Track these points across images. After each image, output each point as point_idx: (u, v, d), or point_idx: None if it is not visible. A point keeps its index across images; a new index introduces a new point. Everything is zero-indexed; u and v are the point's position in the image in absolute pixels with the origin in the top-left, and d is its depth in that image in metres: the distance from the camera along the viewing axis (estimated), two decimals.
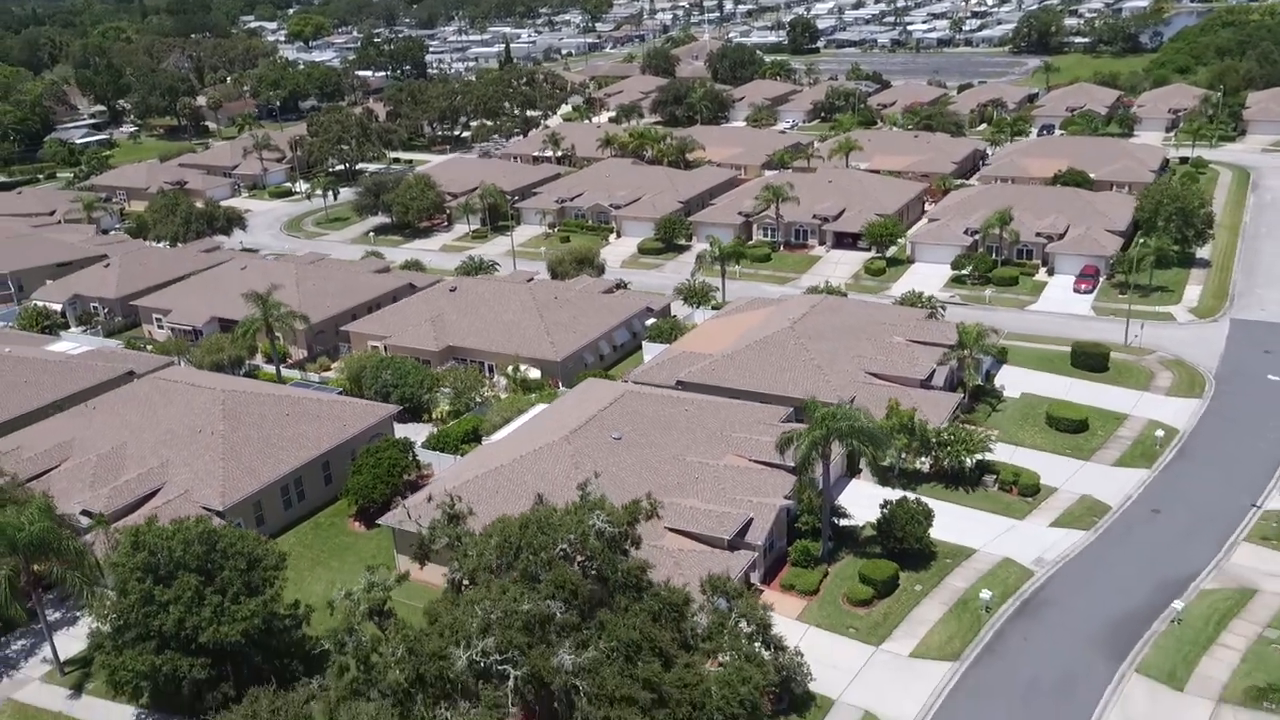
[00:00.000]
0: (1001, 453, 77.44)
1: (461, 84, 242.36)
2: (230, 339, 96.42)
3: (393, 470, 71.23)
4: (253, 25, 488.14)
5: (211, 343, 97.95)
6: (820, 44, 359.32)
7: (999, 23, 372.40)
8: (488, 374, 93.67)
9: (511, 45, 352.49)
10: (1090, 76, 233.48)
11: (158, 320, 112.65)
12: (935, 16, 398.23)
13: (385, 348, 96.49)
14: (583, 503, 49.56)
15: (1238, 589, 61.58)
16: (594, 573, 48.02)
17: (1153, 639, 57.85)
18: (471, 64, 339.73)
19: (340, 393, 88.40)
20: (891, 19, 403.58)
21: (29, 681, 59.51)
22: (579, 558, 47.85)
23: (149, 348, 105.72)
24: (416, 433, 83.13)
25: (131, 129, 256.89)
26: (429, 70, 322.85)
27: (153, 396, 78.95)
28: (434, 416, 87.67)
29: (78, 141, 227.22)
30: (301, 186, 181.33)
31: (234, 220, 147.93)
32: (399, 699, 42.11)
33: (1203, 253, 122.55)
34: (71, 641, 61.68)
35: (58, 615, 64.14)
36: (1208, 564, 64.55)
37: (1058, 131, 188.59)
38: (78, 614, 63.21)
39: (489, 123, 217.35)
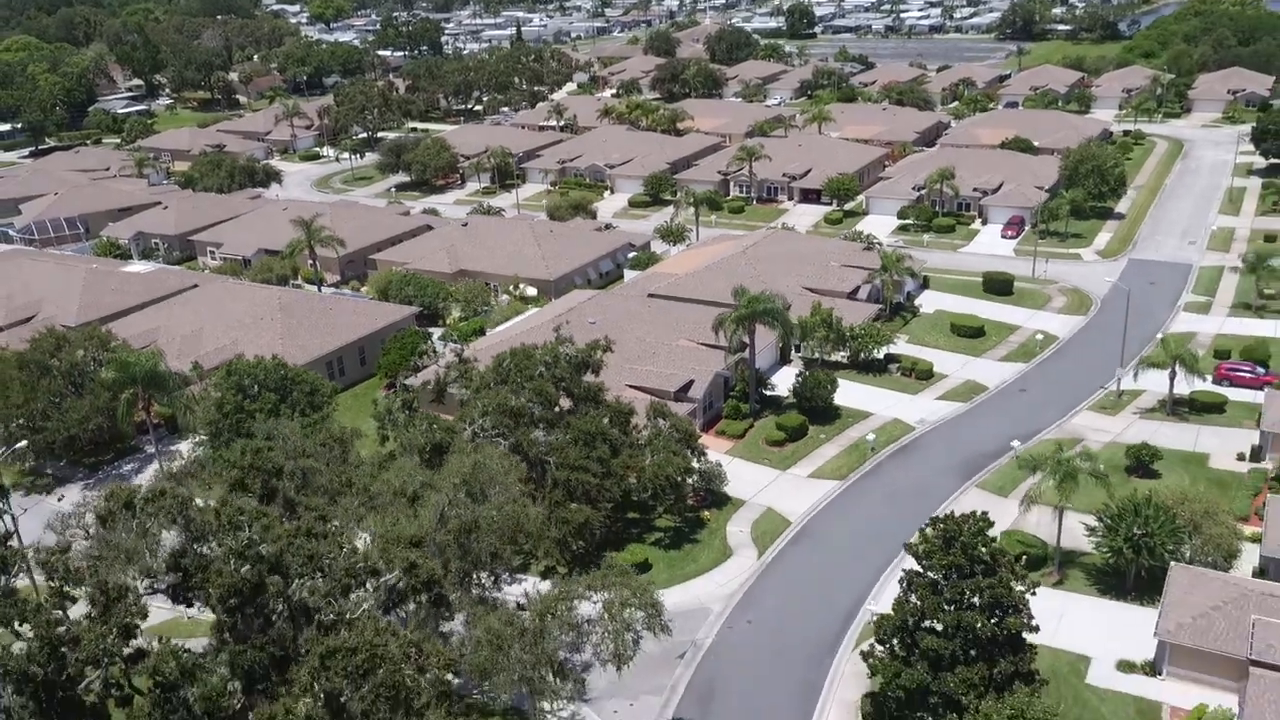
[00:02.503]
0: (908, 349, 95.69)
1: (475, 61, 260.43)
2: (278, 259, 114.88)
3: (414, 351, 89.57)
4: (275, 8, 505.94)
5: (261, 264, 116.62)
6: (818, 30, 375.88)
7: (991, 10, 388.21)
8: (494, 291, 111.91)
9: (523, 28, 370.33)
10: (1059, 60, 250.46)
11: (211, 252, 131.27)
12: (930, 4, 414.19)
13: (407, 270, 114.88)
14: (557, 340, 67.96)
15: (1068, 438, 79.50)
16: (564, 388, 66.42)
17: (994, 468, 75.95)
18: (485, 45, 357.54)
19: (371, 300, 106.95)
20: (887, 6, 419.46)
21: None
22: (553, 376, 66.20)
23: (206, 270, 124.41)
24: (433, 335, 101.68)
25: (167, 101, 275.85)
26: (444, 50, 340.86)
27: (221, 296, 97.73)
28: (447, 322, 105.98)
29: (120, 111, 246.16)
30: (329, 151, 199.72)
31: (271, 175, 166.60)
32: (424, 458, 60.38)
33: (1120, 207, 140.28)
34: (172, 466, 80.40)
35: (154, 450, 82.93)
36: (1051, 424, 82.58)
37: (1020, 107, 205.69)
38: (174, 447, 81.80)
39: (499, 96, 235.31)
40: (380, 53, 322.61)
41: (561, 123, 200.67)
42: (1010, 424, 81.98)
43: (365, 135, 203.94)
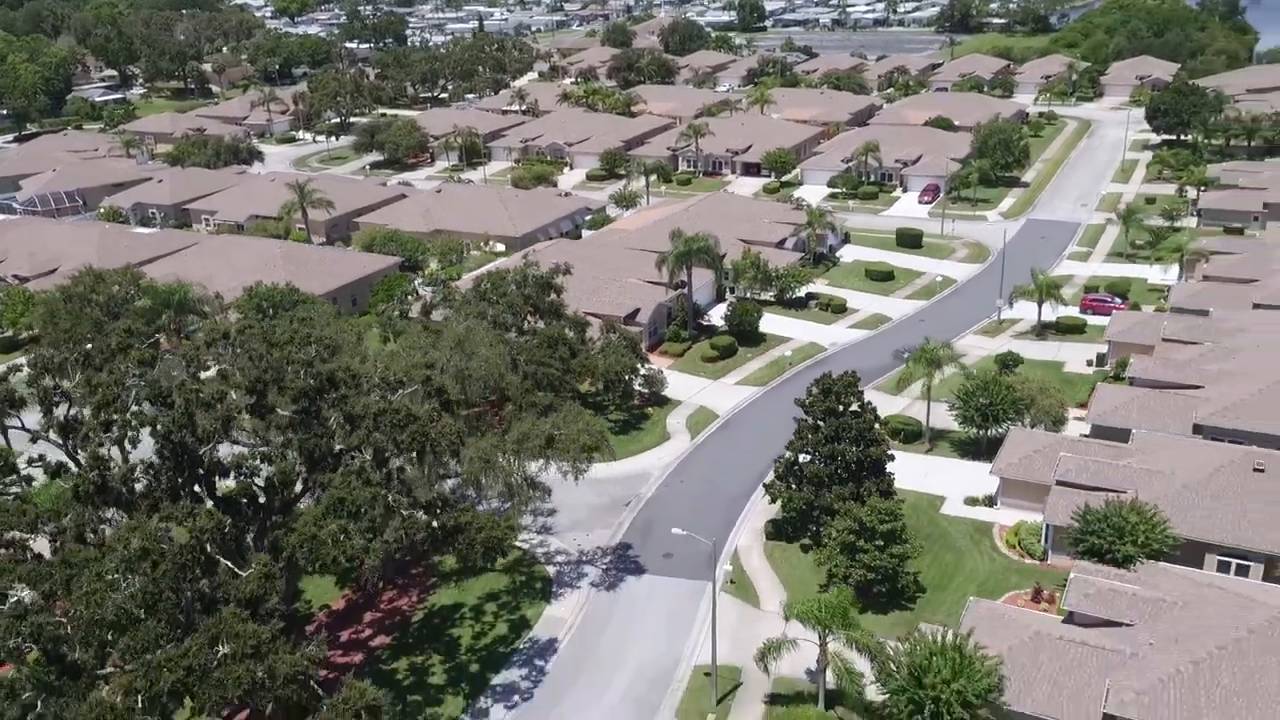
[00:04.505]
0: (827, 289, 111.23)
1: (441, 51, 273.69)
2: (272, 222, 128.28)
3: (401, 290, 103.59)
4: (240, 1, 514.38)
5: (255, 227, 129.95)
6: (768, 23, 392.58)
7: (932, 5, 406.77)
8: (466, 247, 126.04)
9: (485, 22, 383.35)
10: (990, 50, 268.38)
11: (205, 220, 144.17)
12: None
13: (389, 229, 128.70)
14: (525, 264, 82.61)
15: (954, 354, 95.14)
16: (531, 303, 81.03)
17: (887, 373, 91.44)
18: (448, 38, 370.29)
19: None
20: (835, 1, 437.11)
21: None
22: (522, 293, 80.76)
23: (204, 233, 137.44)
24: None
25: (141, 91, 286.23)
26: (409, 42, 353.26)
27: (227, 247, 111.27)
28: (426, 272, 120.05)
29: (98, 99, 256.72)
30: (305, 135, 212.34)
31: (254, 154, 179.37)
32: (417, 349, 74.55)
33: (1027, 177, 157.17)
34: None
35: None
36: (952, 349, 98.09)
37: (949, 92, 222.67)
38: None
39: (465, 83, 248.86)
40: (347, 45, 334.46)
41: (523, 107, 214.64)
42: (903, 343, 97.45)
43: (339, 120, 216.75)
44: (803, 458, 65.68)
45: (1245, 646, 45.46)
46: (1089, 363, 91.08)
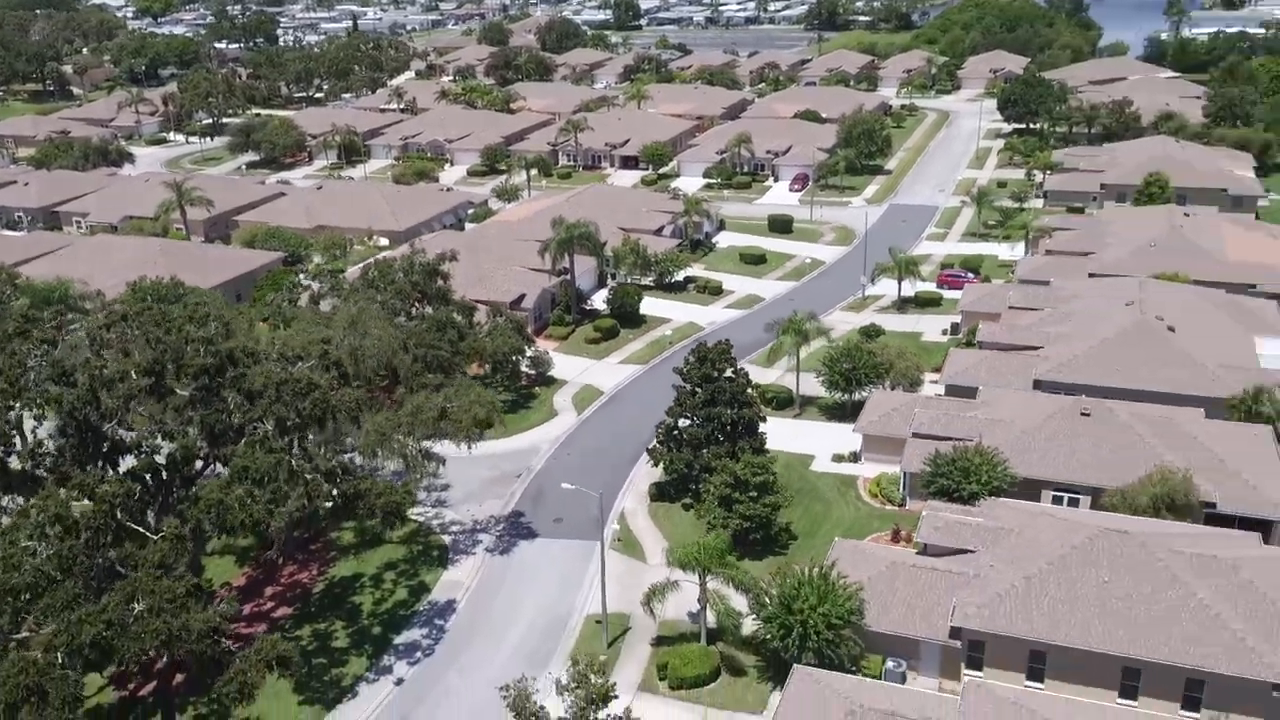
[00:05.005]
0: (704, 273, 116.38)
1: (315, 51, 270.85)
2: (148, 221, 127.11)
3: (287, 282, 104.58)
4: (98, 1, 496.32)
5: (131, 227, 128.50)
6: (643, 22, 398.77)
7: (801, 3, 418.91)
8: (349, 243, 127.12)
9: (359, 21, 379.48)
10: (855, 46, 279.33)
11: (77, 221, 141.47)
12: None
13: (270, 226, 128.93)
14: (412, 251, 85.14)
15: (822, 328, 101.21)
16: (419, 289, 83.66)
17: (761, 348, 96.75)
18: (321, 37, 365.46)
19: None
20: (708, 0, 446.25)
21: None
22: (409, 280, 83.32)
23: (76, 234, 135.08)
24: None
25: None
26: (280, 42, 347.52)
27: (104, 246, 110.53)
28: (309, 268, 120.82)
29: None
30: (176, 135, 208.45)
31: (125, 155, 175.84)
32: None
33: (890, 165, 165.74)
34: None
35: None
36: (818, 319, 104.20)
37: (817, 86, 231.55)
38: None
39: (340, 82, 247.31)
40: (216, 45, 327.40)
41: (402, 105, 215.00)
42: (777, 319, 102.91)
43: (211, 121, 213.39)
44: (682, 422, 70.19)
45: (1069, 561, 51.62)
46: (944, 332, 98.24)
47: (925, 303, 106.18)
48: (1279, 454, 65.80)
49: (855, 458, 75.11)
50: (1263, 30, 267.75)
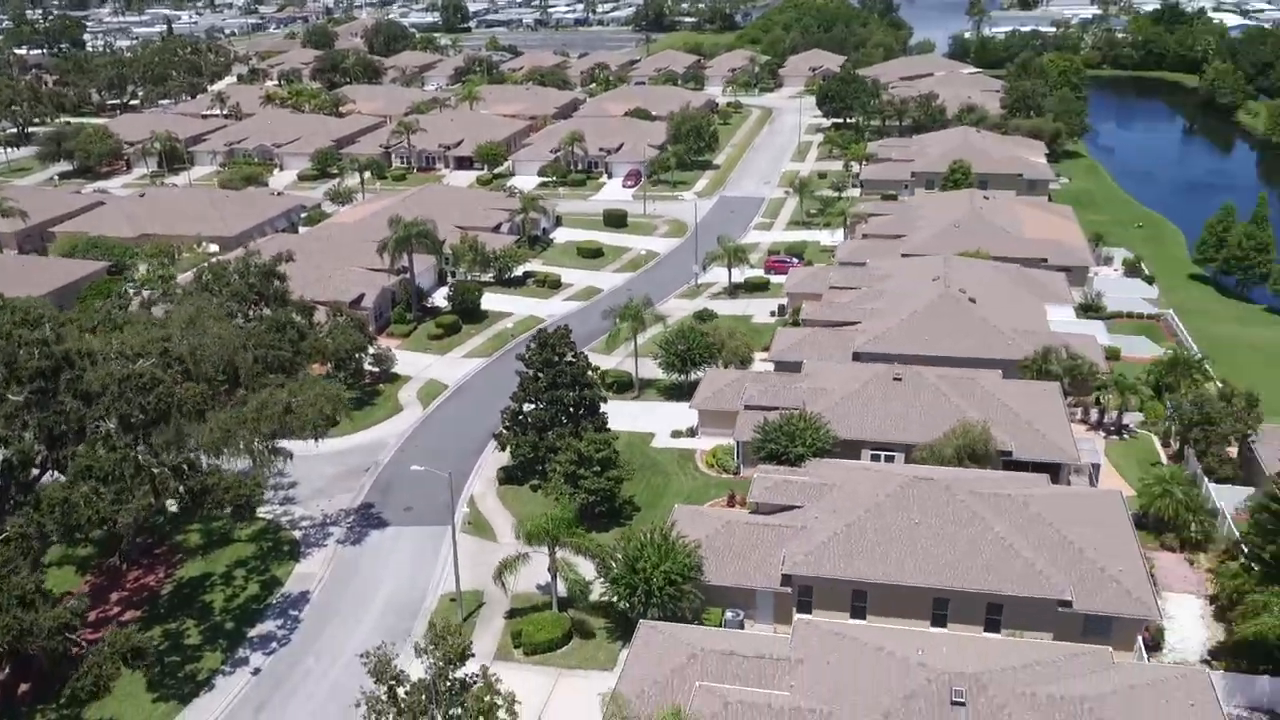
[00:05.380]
0: (543, 268, 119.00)
1: (128, 56, 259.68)
2: None
3: (112, 293, 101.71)
4: None
5: None
6: (472, 24, 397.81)
7: (629, 5, 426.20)
8: (177, 250, 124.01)
9: (174, 25, 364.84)
10: (682, 46, 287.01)
11: None
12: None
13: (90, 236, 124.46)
14: (247, 253, 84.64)
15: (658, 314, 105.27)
16: (256, 291, 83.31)
17: (600, 337, 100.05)
18: (134, 41, 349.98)
19: None
20: (537, 2, 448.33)
21: None
22: (246, 282, 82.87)
23: None
24: None
25: None
26: (89, 47, 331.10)
27: None
28: (135, 278, 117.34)
29: None
30: None
31: None
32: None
33: (718, 160, 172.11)
34: None
35: None
36: (653, 305, 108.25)
37: (646, 85, 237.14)
38: None
39: (157, 88, 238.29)
40: (16, 50, 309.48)
41: (225, 110, 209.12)
42: (614, 308, 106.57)
43: (16, 129, 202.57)
44: (527, 407, 72.68)
45: (883, 507, 56.71)
46: (772, 313, 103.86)
47: (754, 287, 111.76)
48: (1065, 406, 73.32)
49: (692, 433, 79.19)
50: (1054, 29, 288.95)
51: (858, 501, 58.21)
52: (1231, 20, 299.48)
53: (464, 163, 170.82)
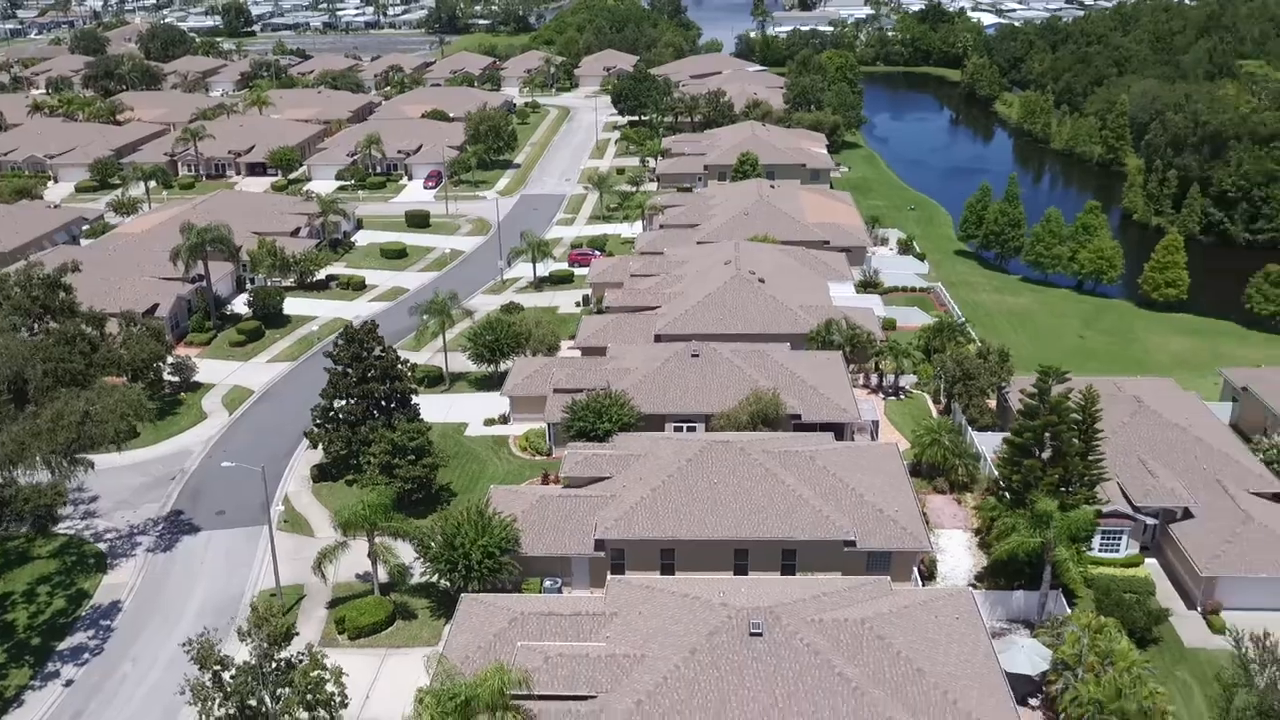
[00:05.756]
0: (346, 270, 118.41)
1: None
2: None
3: None
4: None
5: None
6: (257, 27, 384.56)
7: (421, 7, 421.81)
8: None
9: None
10: (476, 48, 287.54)
11: None
12: (365, 1, 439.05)
13: None
14: (28, 265, 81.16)
15: (466, 309, 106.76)
16: (40, 304, 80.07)
17: (408, 333, 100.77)
18: None
19: None
20: (324, 4, 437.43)
21: None
22: (28, 295, 79.53)
23: None
24: None
25: None
26: None
27: None
28: None
29: None
30: None
31: None
32: None
33: (519, 159, 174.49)
34: None
35: None
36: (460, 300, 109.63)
37: (443, 86, 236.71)
38: None
39: None
40: None
41: None
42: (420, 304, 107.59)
43: None
44: (338, 403, 73.19)
45: (685, 471, 60.81)
46: (577, 304, 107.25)
47: (559, 280, 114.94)
48: (847, 372, 79.82)
49: (505, 420, 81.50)
50: (831, 28, 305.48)
51: (662, 468, 62.09)
52: (988, 19, 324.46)
53: (257, 169, 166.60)
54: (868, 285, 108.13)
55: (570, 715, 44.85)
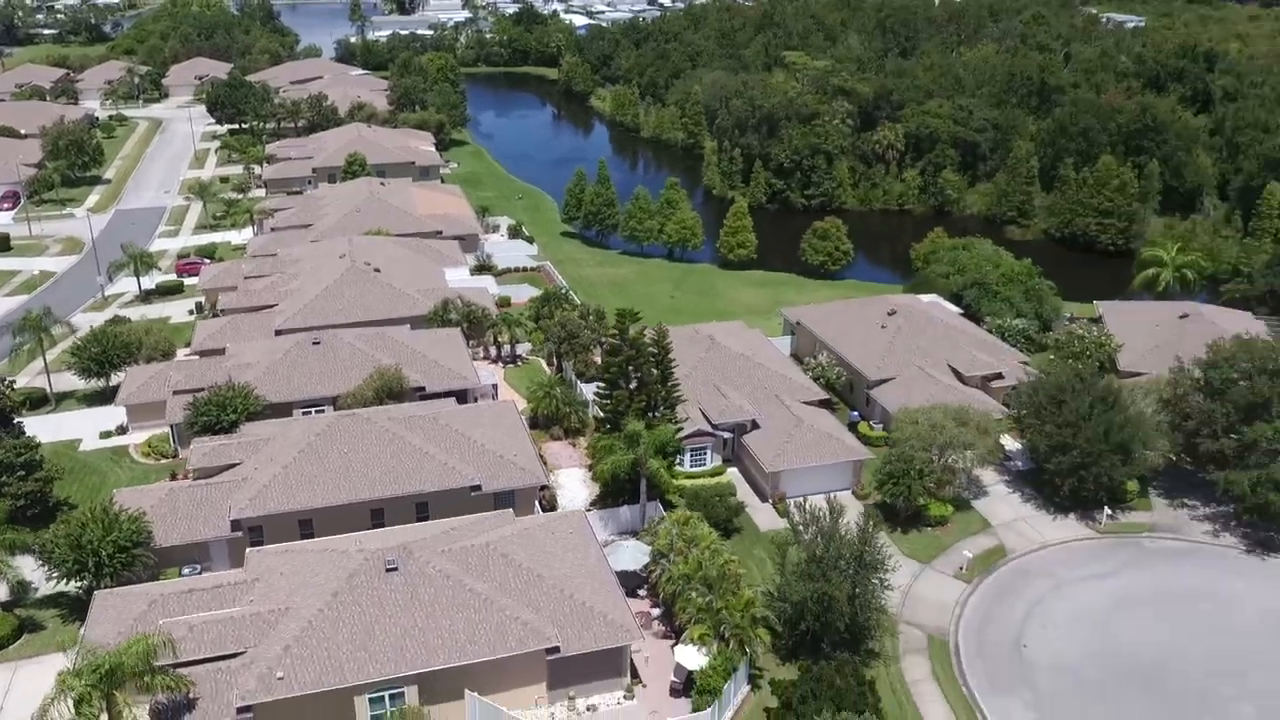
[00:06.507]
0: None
1: None
2: None
3: None
4: None
5: None
6: None
7: None
8: None
9: None
10: (45, 60, 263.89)
11: None
12: None
13: None
14: None
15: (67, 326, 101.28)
16: None
17: (3, 358, 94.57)
18: None
19: None
20: None
21: None
22: None
23: None
24: None
25: None
26: None
27: None
28: None
29: None
30: None
31: None
32: None
33: (109, 174, 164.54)
34: None
35: None
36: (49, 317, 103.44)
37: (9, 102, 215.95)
38: None
39: None
40: None
41: None
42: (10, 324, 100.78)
43: None
44: None
45: (315, 446, 63.95)
46: (190, 312, 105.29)
47: (168, 291, 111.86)
48: (465, 345, 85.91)
49: (123, 430, 79.63)
50: (431, 31, 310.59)
51: (293, 446, 64.77)
52: (579, 20, 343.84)
53: None
54: (482, 268, 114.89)
55: (222, 673, 47.19)
